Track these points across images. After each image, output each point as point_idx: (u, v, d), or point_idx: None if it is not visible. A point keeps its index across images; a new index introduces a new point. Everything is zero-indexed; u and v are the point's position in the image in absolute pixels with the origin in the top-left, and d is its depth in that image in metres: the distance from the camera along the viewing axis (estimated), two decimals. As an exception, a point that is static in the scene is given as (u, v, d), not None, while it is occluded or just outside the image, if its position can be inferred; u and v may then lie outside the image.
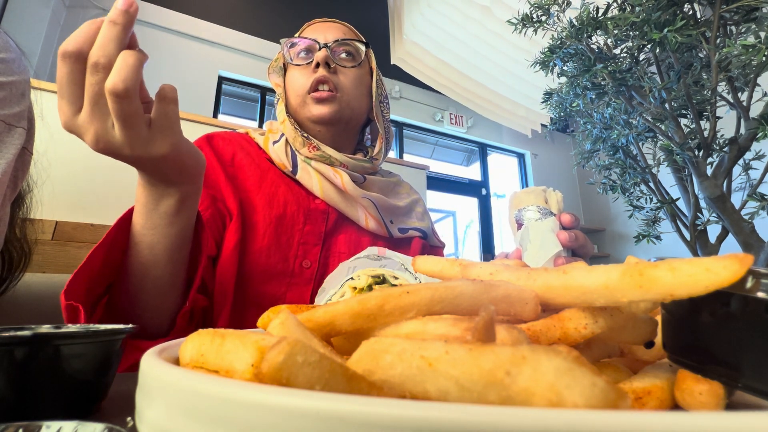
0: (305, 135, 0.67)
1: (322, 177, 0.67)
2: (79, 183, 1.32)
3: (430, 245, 0.78)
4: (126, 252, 0.45)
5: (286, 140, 0.69)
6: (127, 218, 0.45)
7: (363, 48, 0.71)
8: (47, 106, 0.57)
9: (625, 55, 0.68)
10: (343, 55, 0.70)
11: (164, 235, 0.44)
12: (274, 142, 0.70)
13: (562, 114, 0.80)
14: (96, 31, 0.35)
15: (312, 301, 0.61)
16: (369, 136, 0.82)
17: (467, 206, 4.51)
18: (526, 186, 4.49)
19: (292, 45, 0.70)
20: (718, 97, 0.61)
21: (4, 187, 0.47)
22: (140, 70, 0.35)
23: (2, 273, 0.58)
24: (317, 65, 0.66)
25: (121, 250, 0.45)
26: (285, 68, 0.74)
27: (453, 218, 4.90)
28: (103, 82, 0.34)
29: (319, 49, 0.67)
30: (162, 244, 0.44)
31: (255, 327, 0.25)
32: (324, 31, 0.70)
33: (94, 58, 0.34)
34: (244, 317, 0.56)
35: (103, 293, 0.46)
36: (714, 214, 0.62)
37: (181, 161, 0.41)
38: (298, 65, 0.69)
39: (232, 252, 0.58)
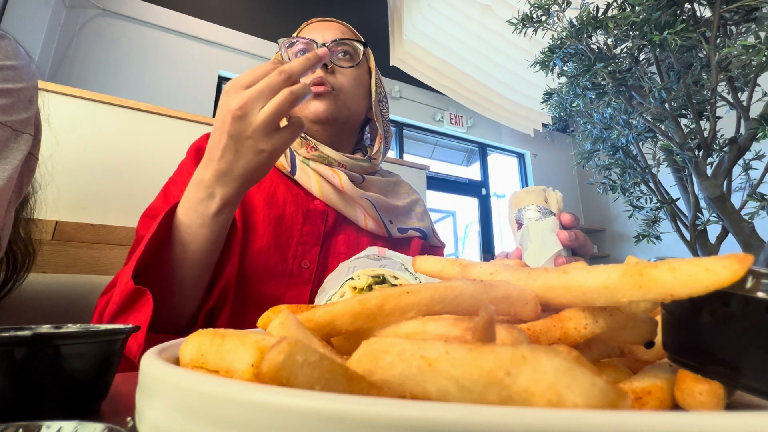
0: (303, 135, 0.67)
1: (321, 177, 0.67)
2: (79, 183, 1.32)
3: (430, 245, 0.78)
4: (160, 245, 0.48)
5: None
6: (169, 216, 0.49)
7: (361, 48, 0.71)
8: (53, 109, 0.57)
9: (625, 55, 0.68)
10: (341, 55, 0.70)
11: (195, 236, 0.48)
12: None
13: (562, 114, 0.80)
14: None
15: (311, 302, 0.61)
16: (368, 136, 0.82)
17: (467, 206, 4.51)
18: (526, 186, 4.49)
19: (290, 45, 0.70)
20: (718, 97, 0.61)
21: (10, 192, 0.48)
22: (304, 94, 0.45)
23: (7, 273, 0.59)
24: None
25: (165, 232, 0.49)
26: None
27: (453, 218, 4.89)
28: (284, 83, 0.44)
29: (317, 49, 0.67)
30: (193, 244, 0.48)
31: (254, 327, 0.25)
32: (322, 31, 0.70)
33: (287, 67, 0.45)
34: (243, 317, 0.56)
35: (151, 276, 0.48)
36: (714, 214, 0.62)
37: (260, 165, 0.46)
38: None
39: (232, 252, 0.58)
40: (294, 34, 0.73)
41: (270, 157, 0.46)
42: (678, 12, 0.57)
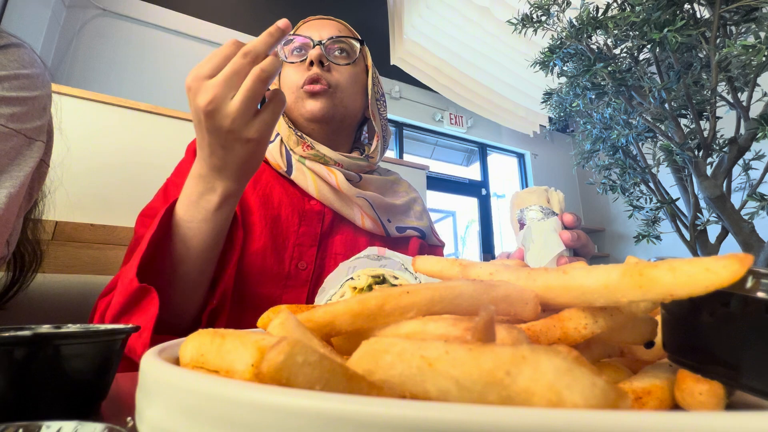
0: (299, 134, 0.66)
1: (317, 176, 0.66)
2: (79, 183, 1.32)
3: (429, 244, 0.78)
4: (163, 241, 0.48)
5: (281, 140, 0.69)
6: (170, 211, 0.48)
7: (358, 45, 0.70)
8: (53, 109, 0.58)
9: (625, 55, 0.68)
10: (337, 53, 0.69)
11: (198, 230, 0.47)
12: (269, 142, 0.69)
13: (562, 114, 0.80)
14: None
15: (309, 303, 0.61)
16: (366, 134, 0.81)
17: (467, 206, 4.51)
18: (526, 186, 4.49)
19: (286, 43, 0.69)
20: (718, 97, 0.61)
21: (20, 199, 0.48)
22: (278, 70, 0.43)
23: (15, 274, 0.60)
24: (311, 63, 0.65)
25: (167, 228, 0.48)
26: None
27: (453, 218, 4.89)
28: (249, 65, 0.41)
29: (313, 46, 0.66)
30: (195, 239, 0.47)
31: (253, 328, 0.25)
32: (319, 29, 0.70)
33: (250, 47, 0.42)
34: (241, 319, 0.56)
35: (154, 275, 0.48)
36: (714, 214, 0.62)
37: (253, 154, 0.45)
38: (292, 63, 0.68)
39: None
40: (291, 32, 0.73)
41: (259, 144, 0.44)
42: (678, 12, 0.57)
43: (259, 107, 0.44)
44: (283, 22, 0.43)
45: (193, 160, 0.65)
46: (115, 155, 1.37)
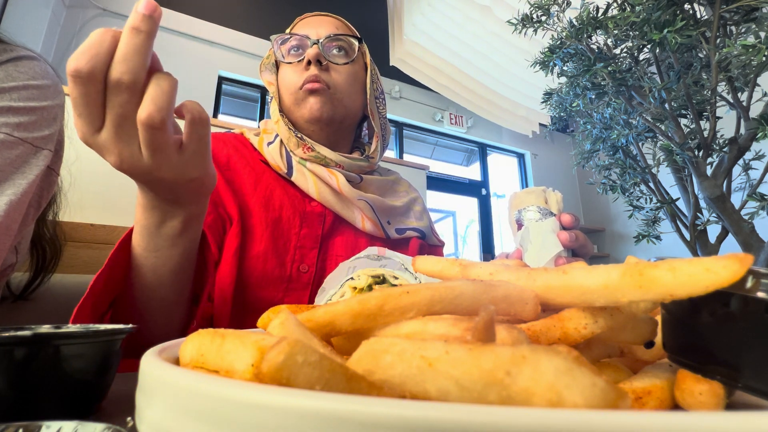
0: (299, 135, 0.66)
1: (318, 178, 0.66)
2: (78, 183, 1.32)
3: (429, 244, 0.77)
4: (129, 271, 0.44)
5: (281, 141, 0.68)
6: (127, 240, 0.43)
7: (356, 43, 0.69)
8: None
9: (625, 55, 0.68)
10: (335, 51, 0.68)
11: (168, 258, 0.42)
12: (269, 143, 0.68)
13: (562, 114, 0.80)
14: (111, 42, 0.30)
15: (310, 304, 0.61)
16: (366, 133, 0.80)
17: (467, 206, 4.51)
18: (526, 186, 4.50)
19: (283, 41, 0.68)
20: (718, 97, 0.61)
21: (25, 206, 0.49)
22: (175, 96, 0.32)
23: (37, 269, 0.63)
24: (309, 63, 0.64)
25: (123, 268, 0.44)
26: (277, 65, 0.72)
27: (453, 218, 4.90)
28: (129, 104, 0.31)
29: (311, 45, 0.65)
30: (166, 267, 0.42)
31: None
32: (316, 26, 0.68)
33: (116, 75, 0.29)
34: (242, 323, 0.55)
35: (107, 310, 0.45)
36: (714, 214, 0.62)
37: (201, 182, 0.39)
38: (290, 63, 0.67)
39: (232, 257, 0.57)
40: (287, 30, 0.71)
41: (203, 176, 0.38)
42: (678, 12, 0.57)
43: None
44: (146, 6, 0.30)
45: None
46: (115, 155, 1.37)
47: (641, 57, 0.67)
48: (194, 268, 0.48)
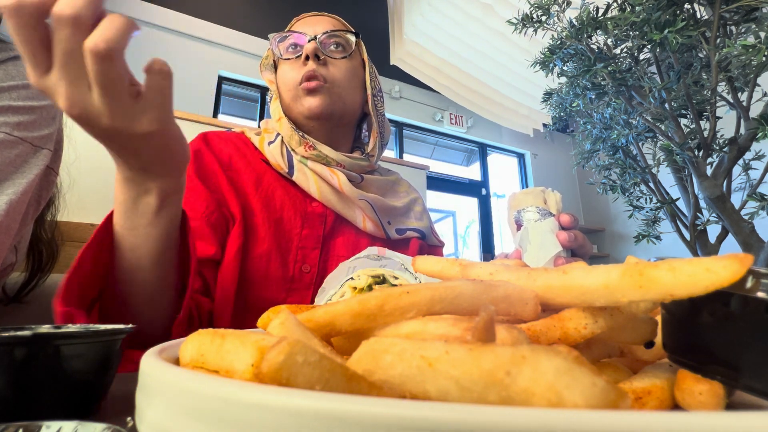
0: (301, 134, 0.66)
1: (319, 178, 0.66)
2: (78, 183, 1.32)
3: (429, 245, 0.78)
4: (113, 249, 0.43)
5: (282, 140, 0.68)
6: (110, 218, 0.43)
7: (353, 39, 0.70)
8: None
9: (625, 55, 0.68)
10: (333, 47, 0.68)
11: (146, 237, 0.41)
12: (270, 143, 0.68)
13: (562, 114, 0.80)
14: None
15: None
16: (366, 133, 0.80)
17: (467, 206, 4.52)
18: (526, 186, 4.51)
19: (281, 40, 0.69)
20: (718, 97, 0.61)
21: (24, 205, 0.49)
22: (128, 34, 0.31)
23: (33, 270, 0.62)
24: (306, 58, 0.65)
25: (109, 251, 0.43)
26: (276, 64, 0.73)
27: (453, 218, 4.90)
28: (74, 38, 0.29)
29: (308, 41, 0.65)
30: (145, 247, 0.41)
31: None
32: (313, 24, 0.69)
33: (57, 9, 0.28)
34: (243, 323, 0.55)
35: (97, 297, 0.44)
36: (714, 214, 0.62)
37: (166, 145, 0.37)
38: (288, 59, 0.68)
39: (234, 257, 0.57)
40: (285, 30, 0.72)
41: (165, 135, 0.36)
42: (678, 12, 0.57)
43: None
44: None
45: (191, 167, 0.62)
46: (115, 155, 1.36)
47: (641, 57, 0.67)
48: (177, 255, 0.46)
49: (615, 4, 0.63)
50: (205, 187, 0.61)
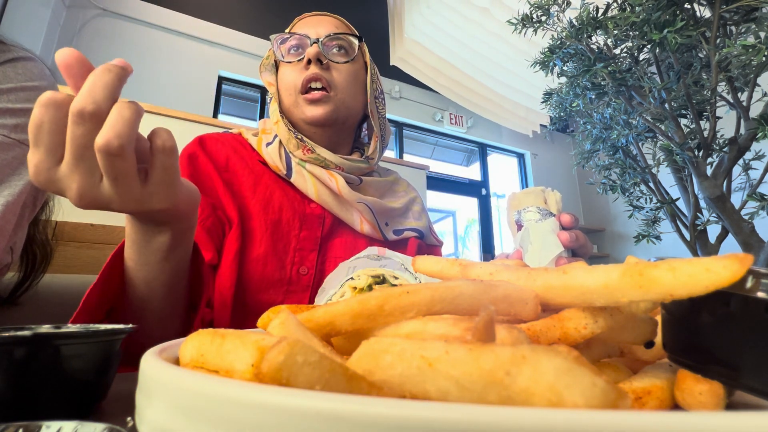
0: (299, 137, 0.65)
1: (317, 180, 0.65)
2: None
3: (427, 244, 0.77)
4: (123, 283, 0.43)
5: (280, 142, 0.67)
6: (120, 253, 0.43)
7: (356, 42, 0.68)
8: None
9: (625, 55, 0.68)
10: (336, 50, 0.67)
11: (160, 271, 0.41)
12: (268, 144, 0.67)
13: (562, 114, 0.80)
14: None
15: (310, 305, 0.61)
16: (366, 133, 0.79)
17: (467, 206, 4.52)
18: (526, 186, 4.51)
19: (283, 41, 0.67)
20: (718, 97, 0.61)
21: (19, 207, 0.49)
22: (137, 124, 0.31)
23: (26, 272, 0.62)
24: (309, 62, 0.64)
25: (117, 281, 0.43)
26: (277, 65, 0.72)
27: (453, 218, 4.90)
28: (91, 134, 0.30)
29: (311, 44, 0.64)
30: (159, 280, 0.42)
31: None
32: (315, 26, 0.68)
33: (79, 105, 0.29)
34: (242, 326, 0.55)
35: (104, 318, 0.44)
36: (714, 214, 0.62)
37: (177, 210, 0.37)
38: (289, 62, 0.67)
39: (232, 261, 0.57)
40: (287, 30, 0.71)
41: (175, 204, 0.36)
42: (678, 12, 0.57)
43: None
44: (119, 60, 0.32)
45: (186, 168, 0.62)
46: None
47: (641, 57, 0.67)
48: (189, 279, 0.47)
49: (615, 4, 0.62)
50: (199, 191, 0.60)
